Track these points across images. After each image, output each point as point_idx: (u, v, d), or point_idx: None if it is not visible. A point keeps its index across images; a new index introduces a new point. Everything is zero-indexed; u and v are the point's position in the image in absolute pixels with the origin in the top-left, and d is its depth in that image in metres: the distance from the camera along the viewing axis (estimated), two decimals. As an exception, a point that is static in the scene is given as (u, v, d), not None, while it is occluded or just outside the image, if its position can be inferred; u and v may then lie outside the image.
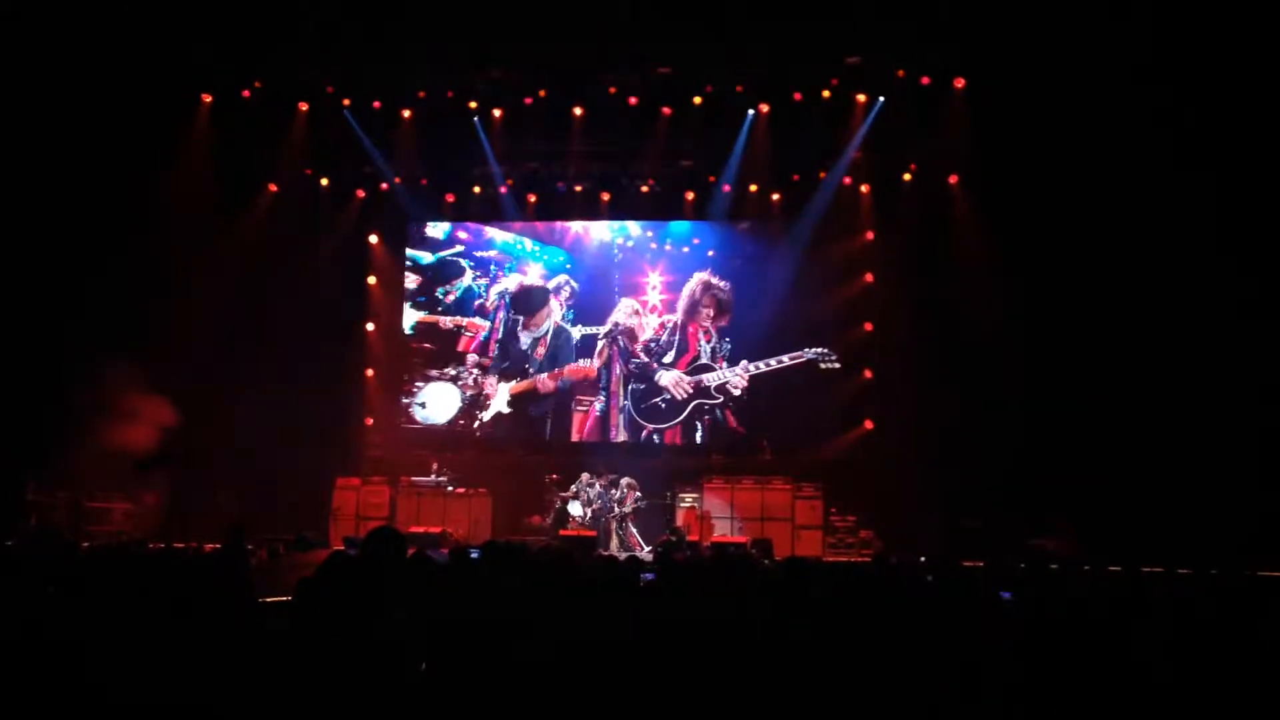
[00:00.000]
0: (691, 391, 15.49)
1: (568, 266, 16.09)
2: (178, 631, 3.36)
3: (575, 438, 15.73)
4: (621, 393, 15.73)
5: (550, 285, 16.05)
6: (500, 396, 15.88)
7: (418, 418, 15.93)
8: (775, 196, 15.57)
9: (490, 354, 15.97)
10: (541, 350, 15.90)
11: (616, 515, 13.82)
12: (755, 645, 3.59)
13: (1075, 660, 3.52)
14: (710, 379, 15.47)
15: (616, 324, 15.80)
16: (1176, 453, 11.67)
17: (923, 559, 9.27)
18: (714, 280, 15.69)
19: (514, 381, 15.89)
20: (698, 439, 15.44)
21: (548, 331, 15.95)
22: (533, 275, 16.11)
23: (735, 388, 15.34)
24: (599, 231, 16.18)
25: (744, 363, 15.34)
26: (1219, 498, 11.03)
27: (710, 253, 15.86)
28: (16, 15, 11.64)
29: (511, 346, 15.98)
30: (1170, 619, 4.10)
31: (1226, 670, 3.40)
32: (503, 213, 15.99)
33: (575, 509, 13.90)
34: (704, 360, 15.56)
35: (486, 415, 15.87)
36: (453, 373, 15.95)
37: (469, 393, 15.91)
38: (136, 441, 12.88)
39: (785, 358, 15.12)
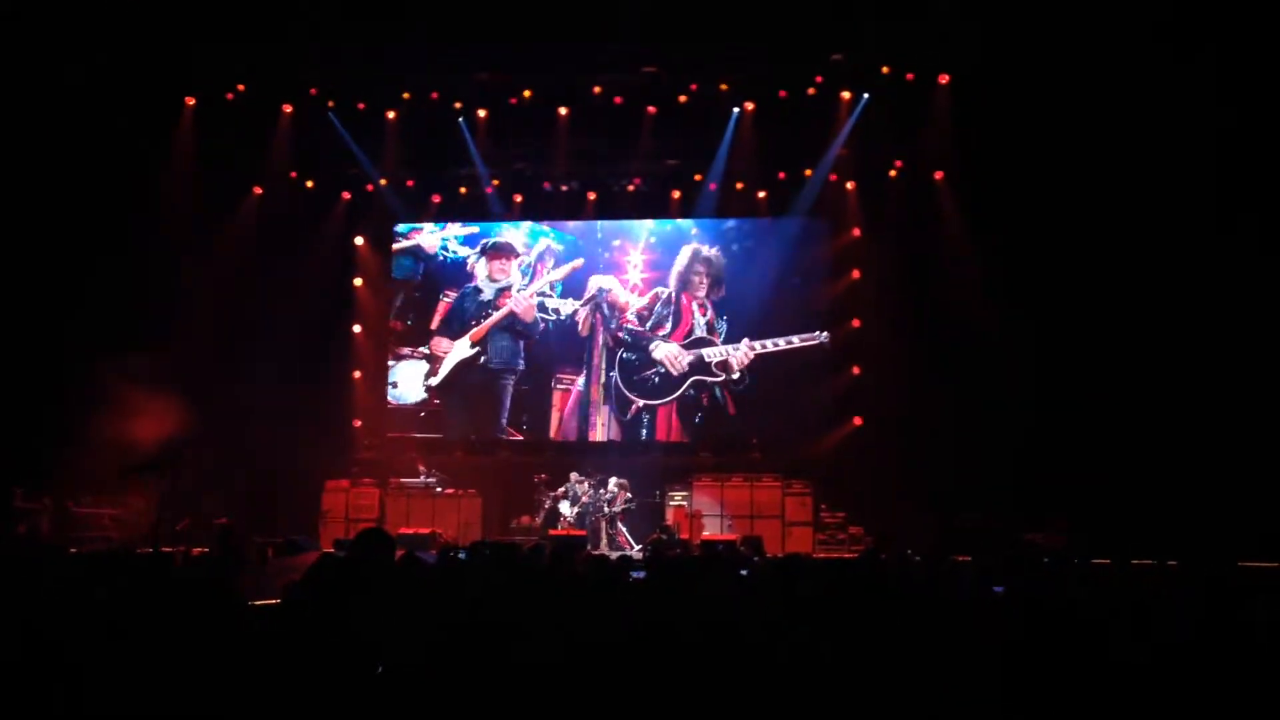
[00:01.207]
0: (687, 368, 15.24)
1: (548, 230, 15.96)
2: (166, 637, 3.35)
3: (555, 417, 15.52)
4: (604, 365, 15.52)
5: (533, 251, 15.91)
6: (459, 347, 15.62)
7: (389, 398, 15.81)
8: (761, 194, 15.59)
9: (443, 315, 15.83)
10: (504, 300, 15.74)
11: (606, 515, 13.81)
12: (745, 643, 3.59)
13: (1064, 653, 3.53)
14: (711, 354, 15.18)
15: (600, 289, 15.60)
16: (1169, 445, 11.72)
17: (909, 551, 9.31)
18: (704, 248, 15.50)
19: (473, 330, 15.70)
20: (696, 420, 15.23)
21: (511, 284, 15.83)
22: (515, 241, 16.01)
23: (737, 366, 15.08)
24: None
25: (747, 340, 15.07)
26: (1212, 491, 11.07)
27: (693, 230, 15.73)
28: (16, 15, 11.58)
29: (470, 304, 15.79)
30: (1157, 612, 4.12)
31: (1212, 662, 3.42)
32: (489, 213, 15.96)
33: (565, 509, 13.90)
34: (700, 334, 15.33)
35: (436, 379, 15.64)
36: (426, 350, 15.83)
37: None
38: (128, 445, 12.77)
39: (795, 338, 14.95)
